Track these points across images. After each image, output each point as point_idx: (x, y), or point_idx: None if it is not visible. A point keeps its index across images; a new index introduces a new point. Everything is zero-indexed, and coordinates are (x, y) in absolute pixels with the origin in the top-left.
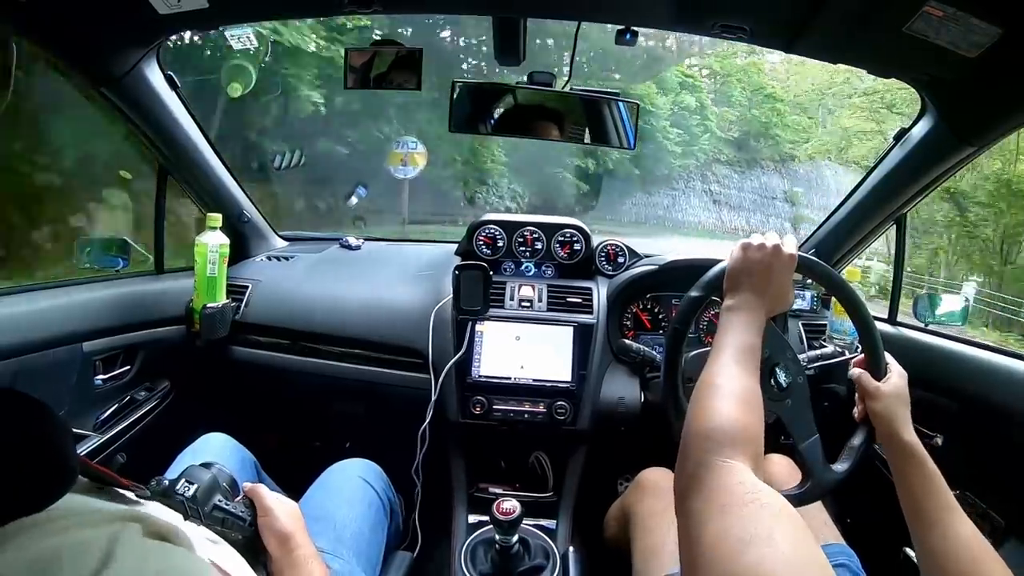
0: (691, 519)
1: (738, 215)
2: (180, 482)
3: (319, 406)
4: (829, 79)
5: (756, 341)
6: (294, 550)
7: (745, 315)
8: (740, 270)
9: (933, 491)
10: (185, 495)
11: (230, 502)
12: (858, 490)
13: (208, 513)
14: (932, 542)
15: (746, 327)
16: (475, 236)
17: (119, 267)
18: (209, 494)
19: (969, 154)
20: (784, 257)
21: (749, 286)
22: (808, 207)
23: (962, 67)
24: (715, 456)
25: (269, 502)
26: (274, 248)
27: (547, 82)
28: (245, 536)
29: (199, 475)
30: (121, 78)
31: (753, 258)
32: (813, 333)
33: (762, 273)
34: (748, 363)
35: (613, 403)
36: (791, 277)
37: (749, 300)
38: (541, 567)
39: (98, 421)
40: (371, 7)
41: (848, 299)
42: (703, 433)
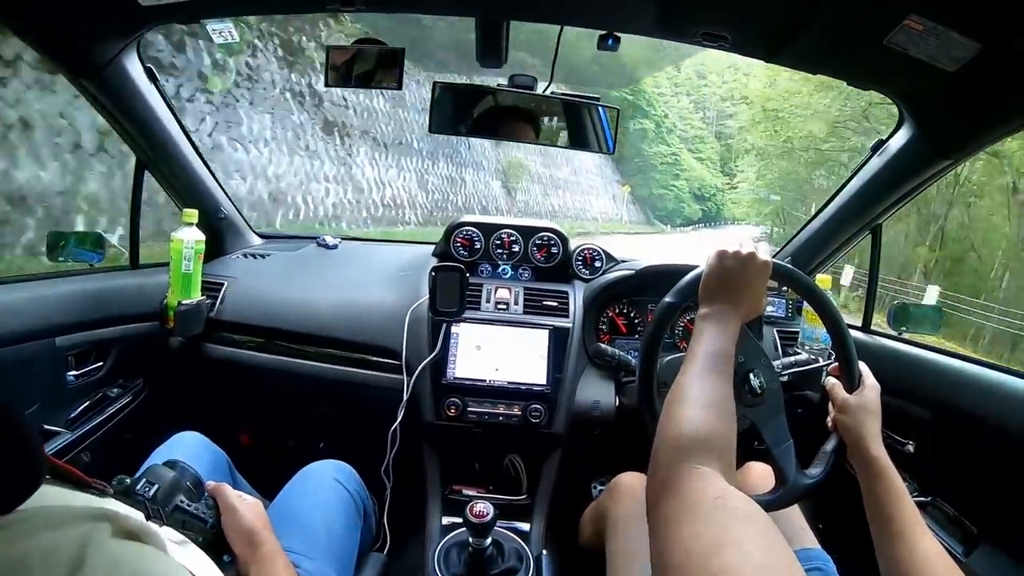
0: (661, 525)
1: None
2: (141, 482)
3: (293, 405)
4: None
5: (729, 348)
6: (259, 547)
7: (719, 323)
8: (715, 278)
9: (898, 505)
10: (146, 495)
11: (193, 503)
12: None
13: (169, 514)
14: (895, 554)
15: (719, 334)
16: (452, 237)
17: (94, 262)
18: (170, 494)
19: (945, 166)
20: (759, 264)
21: (724, 294)
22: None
23: (940, 81)
24: (685, 463)
25: (232, 501)
26: (250, 246)
27: (528, 85)
28: (206, 537)
29: (161, 475)
30: (101, 69)
31: (728, 266)
32: (787, 340)
33: (737, 281)
34: (720, 370)
35: (588, 407)
36: (765, 284)
37: (723, 308)
38: (515, 570)
39: (70, 418)
40: (353, 5)
41: (823, 307)
42: (673, 440)
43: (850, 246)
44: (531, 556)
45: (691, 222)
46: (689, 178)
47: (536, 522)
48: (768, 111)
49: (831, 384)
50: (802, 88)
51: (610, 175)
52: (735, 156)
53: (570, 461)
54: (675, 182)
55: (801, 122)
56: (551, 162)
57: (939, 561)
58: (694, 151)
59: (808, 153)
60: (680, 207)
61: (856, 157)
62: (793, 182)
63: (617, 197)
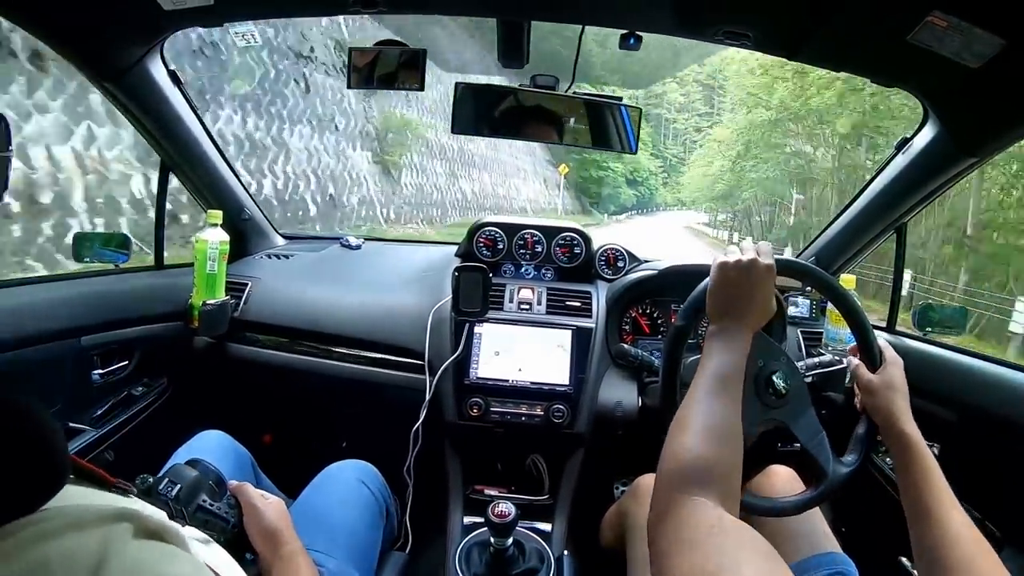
0: (660, 555)
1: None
2: (164, 481)
3: (316, 404)
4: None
5: (737, 365)
6: (281, 547)
7: (725, 341)
8: (719, 293)
9: (930, 484)
10: (168, 495)
11: (215, 502)
12: (854, 499)
13: (191, 513)
14: (927, 534)
15: (726, 352)
16: (475, 238)
17: (119, 262)
18: (193, 494)
19: (971, 164)
20: (761, 269)
21: (729, 309)
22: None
23: (964, 77)
24: (681, 493)
25: (254, 500)
26: (274, 246)
27: (550, 85)
28: (228, 536)
29: (184, 474)
30: (125, 73)
31: (730, 277)
32: (811, 341)
33: (741, 292)
34: (725, 392)
35: (610, 407)
36: (771, 288)
37: (729, 325)
38: (535, 570)
39: (95, 416)
40: (376, 7)
41: (833, 294)
42: (672, 471)
43: (875, 245)
44: (552, 557)
45: (625, 209)
46: (624, 159)
47: (558, 523)
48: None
49: (854, 365)
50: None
51: (540, 154)
52: (664, 139)
53: (592, 462)
54: (613, 164)
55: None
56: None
57: (971, 536)
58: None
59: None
60: (616, 192)
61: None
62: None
63: (550, 180)
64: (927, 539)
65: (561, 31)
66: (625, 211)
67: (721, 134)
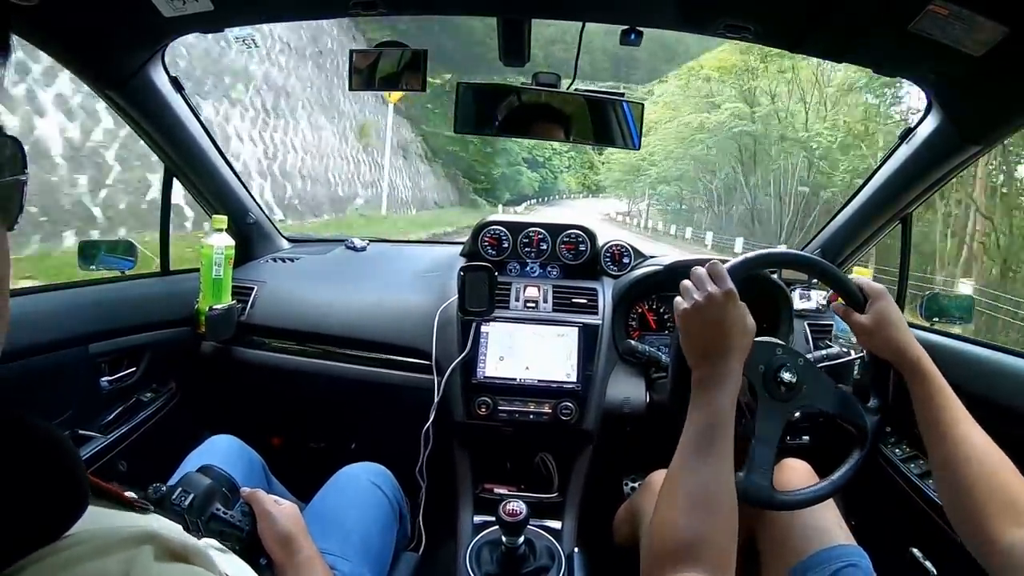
0: None
1: None
2: (177, 491)
3: (325, 407)
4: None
5: (725, 410)
6: (296, 553)
7: (709, 387)
8: (690, 341)
9: (946, 406)
10: (182, 505)
11: (228, 510)
12: (864, 492)
13: (206, 523)
14: (946, 455)
15: (713, 400)
16: (480, 237)
17: (125, 269)
18: (206, 502)
19: (975, 152)
20: (719, 300)
21: (708, 352)
22: None
23: (968, 66)
24: (668, 572)
25: (268, 506)
26: (279, 250)
27: (552, 83)
28: (243, 544)
29: (196, 482)
30: (127, 81)
31: (695, 323)
32: (819, 333)
33: (711, 331)
34: (713, 448)
35: (618, 403)
36: (738, 308)
37: (712, 367)
38: (546, 568)
39: (104, 423)
40: (376, 9)
41: (794, 266)
42: (661, 546)
43: (880, 236)
44: (563, 554)
45: (525, 197)
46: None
47: (567, 520)
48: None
49: (842, 312)
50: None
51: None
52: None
53: (601, 458)
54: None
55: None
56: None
57: (990, 450)
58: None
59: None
60: (515, 174)
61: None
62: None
63: (402, 169)
64: (947, 459)
65: (562, 36)
66: (525, 200)
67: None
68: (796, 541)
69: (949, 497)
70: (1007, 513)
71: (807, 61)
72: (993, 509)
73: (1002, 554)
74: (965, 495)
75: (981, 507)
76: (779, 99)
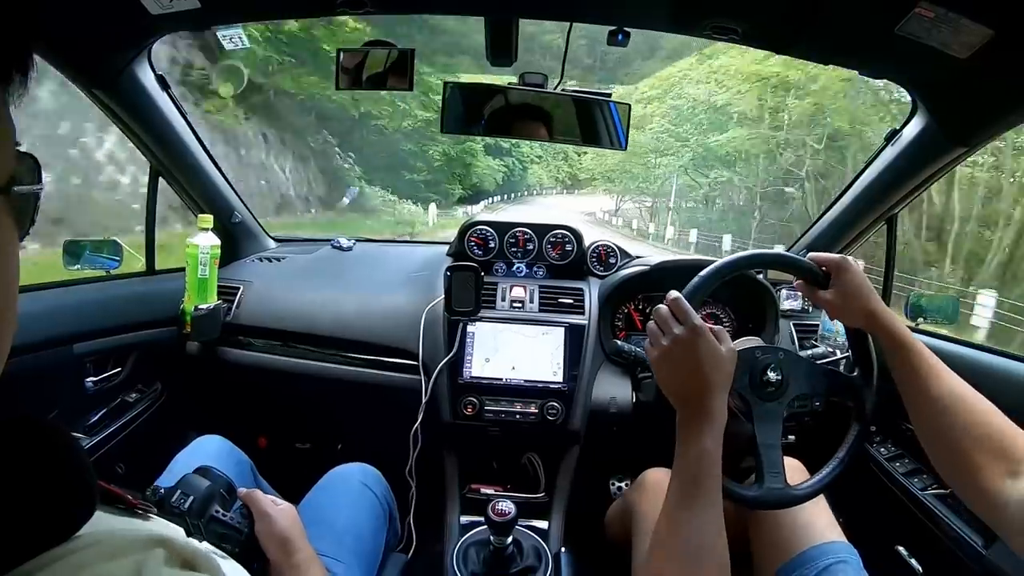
0: None
1: None
2: (176, 493)
3: (311, 407)
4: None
5: (710, 451)
6: (293, 554)
7: (688, 432)
8: (668, 387)
9: (919, 361)
10: (182, 507)
11: (226, 512)
12: (851, 489)
13: (206, 526)
14: (927, 409)
15: (692, 444)
16: (467, 237)
17: (111, 268)
18: (205, 505)
19: (960, 154)
20: (686, 339)
21: (689, 393)
22: None
23: (953, 68)
24: None
25: (266, 507)
26: (265, 249)
27: (539, 83)
28: (240, 547)
29: (195, 485)
30: (113, 79)
31: (666, 369)
32: (805, 334)
33: (685, 373)
34: (700, 493)
35: (605, 403)
36: (708, 342)
37: (687, 413)
38: (533, 568)
39: (89, 424)
40: (363, 7)
41: (745, 265)
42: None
43: (866, 237)
44: (550, 554)
45: (484, 193)
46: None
47: (554, 520)
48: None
49: (805, 291)
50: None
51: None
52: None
53: (588, 458)
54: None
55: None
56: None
57: (975, 400)
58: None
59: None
60: (468, 159)
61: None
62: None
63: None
64: (930, 415)
65: (548, 45)
66: (484, 197)
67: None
68: (787, 538)
69: (937, 453)
70: (1000, 463)
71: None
72: (983, 459)
73: (999, 508)
74: (953, 447)
75: (969, 459)
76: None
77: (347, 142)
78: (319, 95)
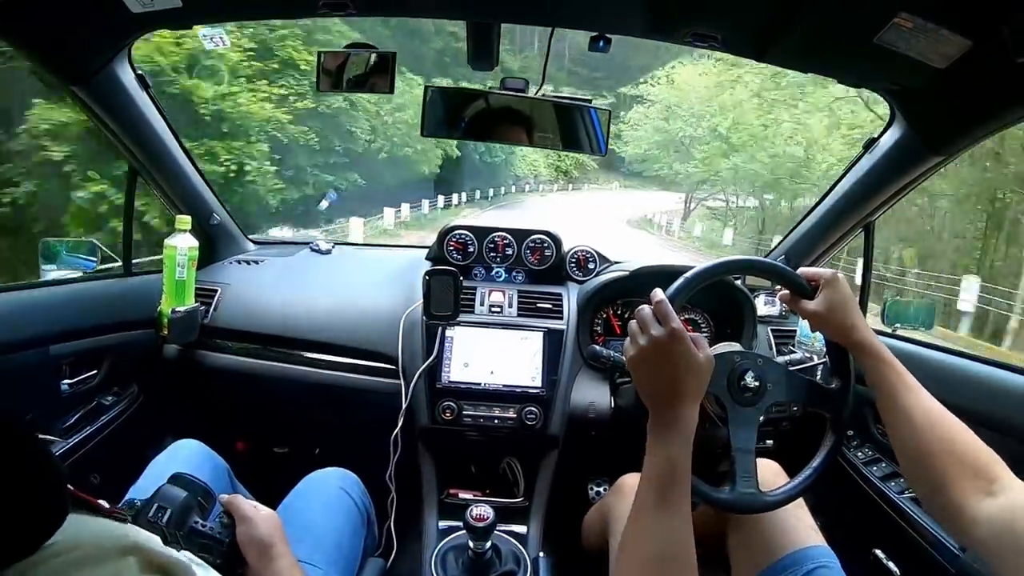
0: None
1: None
2: (154, 507)
3: (289, 412)
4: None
5: (681, 455)
6: (274, 560)
7: (658, 437)
8: (645, 389)
9: (898, 382)
10: (160, 521)
11: (205, 521)
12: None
13: (185, 537)
14: (905, 429)
15: (660, 449)
16: (445, 241)
17: (88, 269)
18: (184, 516)
19: (937, 163)
20: (663, 341)
21: (664, 395)
22: None
23: (931, 77)
24: None
25: (247, 511)
26: (244, 252)
27: (520, 87)
28: (222, 558)
29: (172, 496)
30: (92, 77)
31: (643, 371)
32: (782, 339)
33: (662, 375)
34: (667, 500)
35: (583, 408)
36: (686, 347)
37: (658, 417)
38: (512, 572)
39: (64, 427)
40: (345, 10)
41: (734, 270)
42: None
43: (843, 243)
44: (528, 558)
45: (447, 187)
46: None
47: (533, 524)
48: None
49: (789, 300)
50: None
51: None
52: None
53: (566, 463)
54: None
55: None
56: None
57: (946, 418)
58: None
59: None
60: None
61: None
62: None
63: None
64: (905, 433)
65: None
66: (448, 192)
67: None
68: (767, 543)
69: (911, 470)
70: (972, 481)
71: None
72: (955, 476)
73: (967, 523)
74: (926, 465)
75: (943, 475)
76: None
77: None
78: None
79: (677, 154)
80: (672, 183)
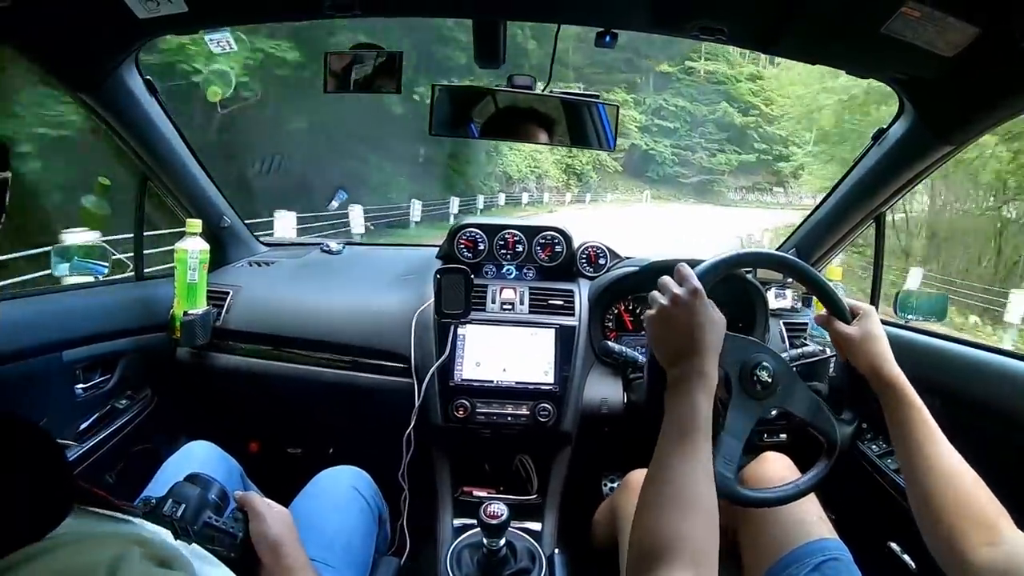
0: None
1: None
2: (168, 503)
3: (302, 412)
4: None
5: (701, 409)
6: (285, 558)
7: (683, 387)
8: (661, 346)
9: (920, 426)
10: (174, 516)
11: (220, 518)
12: (842, 486)
13: (198, 531)
14: (921, 477)
15: (687, 401)
16: (456, 239)
17: (99, 274)
18: (198, 513)
19: (947, 152)
20: (685, 300)
21: (680, 353)
22: None
23: (939, 66)
24: (654, 572)
25: (261, 508)
26: (255, 254)
27: (527, 85)
28: (236, 550)
29: (187, 493)
30: (100, 83)
31: (660, 328)
32: (794, 332)
33: (679, 333)
34: (691, 448)
35: (596, 404)
36: (705, 308)
37: (684, 368)
38: (527, 570)
39: (79, 431)
40: (351, 11)
41: (781, 265)
42: (642, 547)
43: (854, 235)
44: (543, 556)
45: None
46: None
47: (547, 521)
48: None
49: (823, 321)
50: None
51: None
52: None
53: (580, 459)
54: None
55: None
56: None
57: (964, 473)
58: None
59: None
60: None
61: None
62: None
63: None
64: (919, 478)
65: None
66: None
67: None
68: (778, 536)
69: (921, 513)
70: (977, 531)
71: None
72: (964, 528)
73: (971, 570)
74: (936, 514)
75: (951, 526)
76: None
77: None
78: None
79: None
80: (711, 192)
